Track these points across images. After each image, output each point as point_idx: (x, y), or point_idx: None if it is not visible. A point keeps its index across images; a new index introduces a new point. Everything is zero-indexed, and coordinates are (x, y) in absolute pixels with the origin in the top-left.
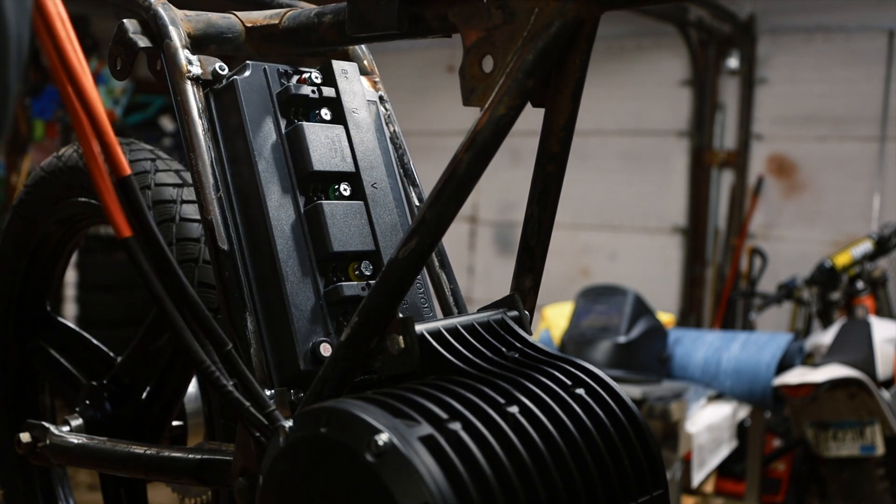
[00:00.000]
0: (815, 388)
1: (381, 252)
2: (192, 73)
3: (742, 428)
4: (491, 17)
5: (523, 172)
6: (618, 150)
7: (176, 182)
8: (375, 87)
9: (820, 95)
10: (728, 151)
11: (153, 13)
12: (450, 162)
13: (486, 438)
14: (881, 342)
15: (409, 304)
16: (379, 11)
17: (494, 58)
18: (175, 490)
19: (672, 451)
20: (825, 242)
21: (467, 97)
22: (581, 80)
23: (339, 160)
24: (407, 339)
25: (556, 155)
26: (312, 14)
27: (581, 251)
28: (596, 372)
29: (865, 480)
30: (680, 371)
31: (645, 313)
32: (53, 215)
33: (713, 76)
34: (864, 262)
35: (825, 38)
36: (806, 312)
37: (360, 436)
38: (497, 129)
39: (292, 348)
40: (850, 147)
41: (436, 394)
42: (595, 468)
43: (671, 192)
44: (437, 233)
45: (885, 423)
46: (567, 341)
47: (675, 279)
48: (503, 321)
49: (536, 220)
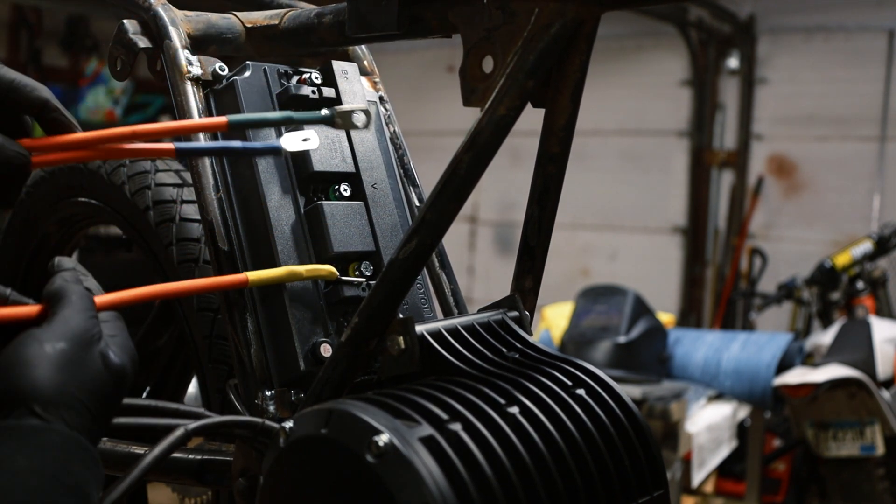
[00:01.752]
0: (815, 388)
1: (382, 252)
2: (192, 74)
3: (742, 428)
4: (491, 18)
5: (523, 172)
6: (618, 150)
7: (176, 182)
8: (375, 88)
9: (820, 95)
10: (728, 151)
11: (153, 13)
12: (450, 162)
13: (486, 439)
14: (881, 342)
15: (410, 304)
16: (379, 12)
17: (494, 58)
18: (175, 490)
19: (672, 451)
20: (825, 242)
21: (467, 98)
22: (581, 81)
23: (339, 160)
24: (407, 339)
25: (557, 155)
26: (312, 14)
27: (581, 251)
28: (596, 372)
29: (865, 480)
30: (680, 371)
31: (645, 313)
32: (53, 215)
33: (713, 76)
34: (864, 262)
35: (825, 38)
36: (806, 312)
37: (360, 436)
38: (497, 129)
39: (292, 349)
40: (850, 147)
41: (436, 394)
42: (595, 468)
43: (671, 192)
44: (437, 233)
45: (885, 423)
46: (567, 341)
47: (675, 279)
48: (503, 321)
49: (537, 221)
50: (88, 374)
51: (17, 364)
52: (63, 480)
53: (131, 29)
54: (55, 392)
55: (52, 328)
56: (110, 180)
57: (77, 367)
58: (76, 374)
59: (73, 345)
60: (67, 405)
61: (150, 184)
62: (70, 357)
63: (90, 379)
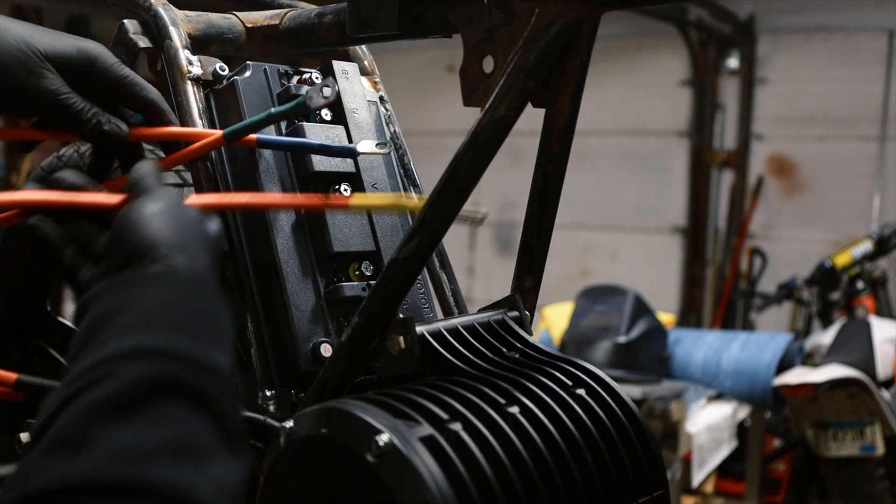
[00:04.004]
0: (815, 388)
1: (382, 252)
2: (192, 74)
3: (742, 428)
4: (491, 18)
5: (523, 172)
6: (618, 150)
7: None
8: (376, 88)
9: (820, 95)
10: (728, 151)
11: (153, 13)
12: (450, 162)
13: (486, 439)
14: (881, 342)
15: (410, 304)
16: (379, 12)
17: (495, 58)
18: None
19: (672, 451)
20: (825, 242)
21: (468, 98)
22: (581, 81)
23: (339, 160)
24: (407, 339)
25: (557, 155)
26: (313, 14)
27: (581, 251)
28: (596, 372)
29: (865, 480)
30: (680, 371)
31: (645, 313)
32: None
33: (713, 76)
34: (864, 262)
35: (825, 38)
36: (806, 312)
37: (360, 436)
38: (497, 129)
39: (293, 348)
40: (850, 147)
41: (436, 394)
42: (595, 468)
43: (671, 192)
44: (437, 233)
45: (885, 423)
46: (567, 341)
47: (675, 279)
48: (503, 321)
49: (537, 221)
50: (191, 222)
51: (131, 225)
52: (191, 305)
53: (132, 29)
54: (171, 239)
55: (144, 199)
56: None
57: (180, 219)
58: (183, 224)
59: (170, 204)
60: (183, 249)
61: None
62: (171, 212)
63: (195, 227)
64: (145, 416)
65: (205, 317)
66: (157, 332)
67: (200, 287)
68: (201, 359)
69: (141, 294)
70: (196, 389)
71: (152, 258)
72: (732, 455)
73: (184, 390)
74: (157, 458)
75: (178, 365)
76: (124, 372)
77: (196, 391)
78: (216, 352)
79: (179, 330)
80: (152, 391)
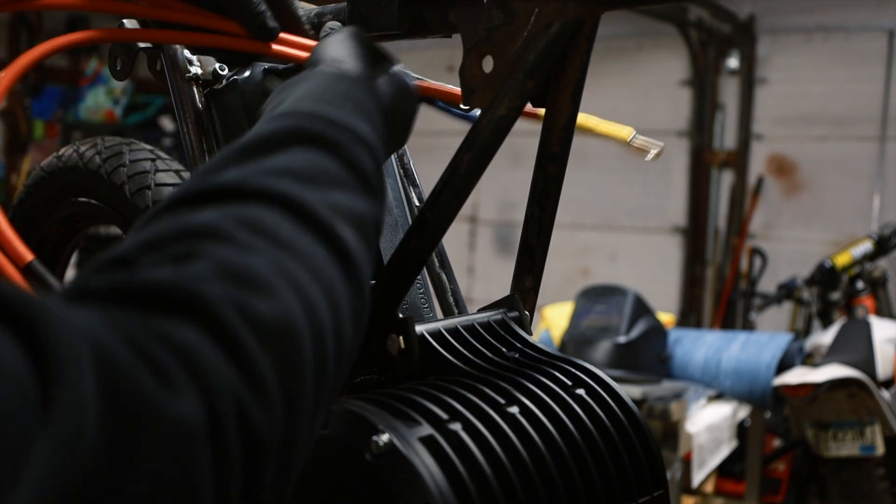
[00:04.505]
0: (815, 388)
1: (382, 252)
2: (192, 74)
3: (742, 428)
4: (491, 18)
5: (523, 172)
6: (618, 150)
7: (176, 182)
8: None
9: (820, 95)
10: (728, 151)
11: None
12: (450, 162)
13: (486, 439)
14: (881, 342)
15: (409, 304)
16: (379, 11)
17: (494, 58)
18: None
19: (672, 451)
20: (825, 242)
21: (467, 97)
22: (581, 81)
23: None
24: (407, 339)
25: (557, 155)
26: (312, 14)
27: (581, 251)
28: (596, 372)
29: (865, 480)
30: (680, 371)
31: (645, 313)
32: (53, 215)
33: (713, 76)
34: (864, 262)
35: (825, 38)
36: (806, 312)
37: (360, 436)
38: (497, 129)
39: None
40: (850, 147)
41: (436, 394)
42: (595, 468)
43: (671, 192)
44: (437, 233)
45: (885, 423)
46: (567, 341)
47: (675, 279)
48: (503, 321)
49: (537, 221)
50: (371, 49)
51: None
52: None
53: None
54: (342, 54)
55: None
56: (110, 180)
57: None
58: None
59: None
60: (354, 59)
61: (150, 184)
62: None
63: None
64: (278, 152)
65: (351, 97)
66: (303, 102)
67: (359, 81)
68: (336, 119)
69: (300, 81)
70: (328, 139)
71: (325, 64)
72: (732, 455)
73: (317, 139)
74: (284, 178)
75: (315, 120)
76: (264, 127)
77: (328, 140)
78: (358, 120)
79: (323, 102)
80: (286, 136)
